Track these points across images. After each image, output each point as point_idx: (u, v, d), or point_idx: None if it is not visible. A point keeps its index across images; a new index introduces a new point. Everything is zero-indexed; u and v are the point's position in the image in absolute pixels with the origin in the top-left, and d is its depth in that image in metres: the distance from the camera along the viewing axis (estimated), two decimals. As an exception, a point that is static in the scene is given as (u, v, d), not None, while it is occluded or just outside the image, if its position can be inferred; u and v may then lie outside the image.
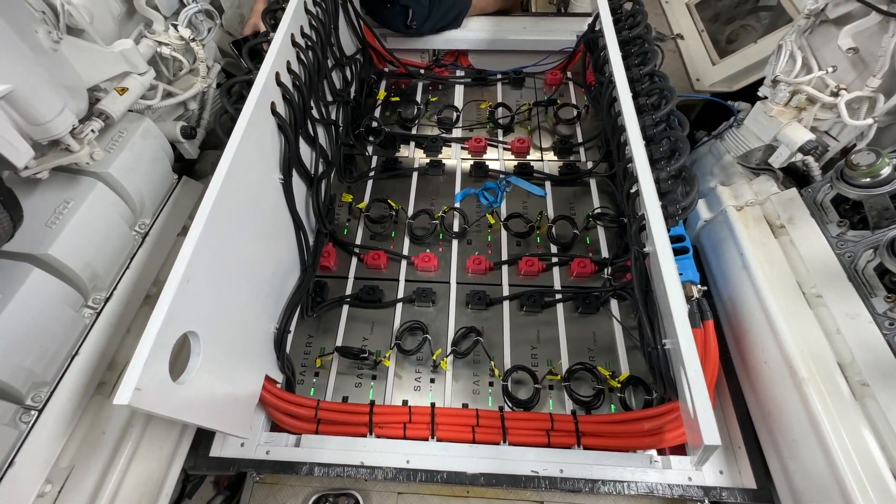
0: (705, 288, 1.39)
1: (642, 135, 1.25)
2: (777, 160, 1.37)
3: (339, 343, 1.58)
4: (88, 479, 1.02)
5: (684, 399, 1.02)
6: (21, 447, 0.95)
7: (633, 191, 1.41)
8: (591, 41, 2.03)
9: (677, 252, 1.39)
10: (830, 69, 1.20)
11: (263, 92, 1.23)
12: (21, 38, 0.86)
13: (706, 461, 1.02)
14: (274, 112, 1.30)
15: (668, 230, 1.35)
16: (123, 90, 1.12)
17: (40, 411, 1.00)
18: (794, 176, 1.49)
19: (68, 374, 1.06)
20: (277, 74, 1.32)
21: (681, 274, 1.38)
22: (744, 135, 1.50)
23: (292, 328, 1.51)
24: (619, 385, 1.47)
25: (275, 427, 1.45)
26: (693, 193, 1.08)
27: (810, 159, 1.40)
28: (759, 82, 1.51)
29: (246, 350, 1.24)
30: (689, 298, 1.36)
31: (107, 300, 1.18)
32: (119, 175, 1.16)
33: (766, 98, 1.38)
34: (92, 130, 1.03)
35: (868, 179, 1.14)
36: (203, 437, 1.35)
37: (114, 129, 1.21)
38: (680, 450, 1.35)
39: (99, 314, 1.15)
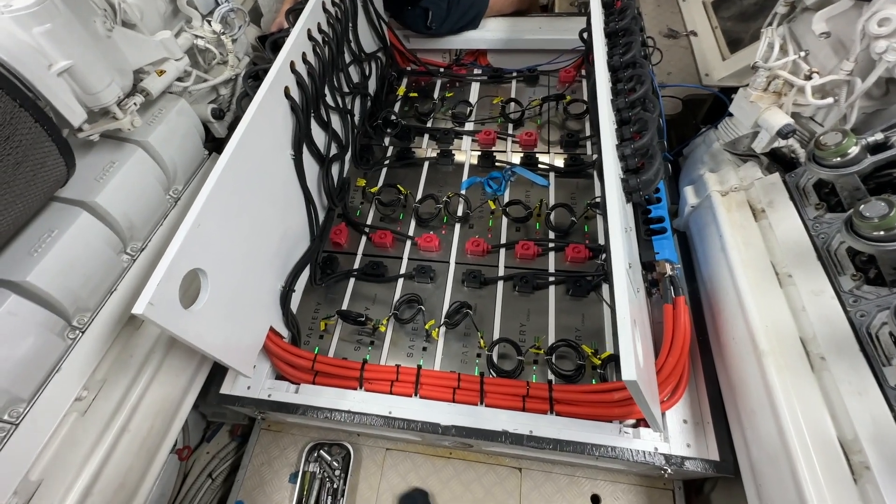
0: (679, 266, 1.43)
1: (617, 116, 1.33)
2: (759, 145, 1.40)
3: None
4: (117, 391, 1.23)
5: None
6: (67, 357, 1.18)
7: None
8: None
9: (657, 232, 1.44)
10: (802, 53, 1.23)
11: (278, 77, 1.42)
12: (83, 26, 1.10)
13: (655, 419, 1.07)
14: (287, 95, 1.49)
15: (636, 203, 1.39)
16: (162, 72, 1.35)
17: (83, 332, 1.22)
18: (783, 162, 1.50)
19: (107, 306, 1.29)
20: (292, 63, 1.51)
21: (657, 253, 1.44)
22: (733, 123, 1.53)
23: (297, 289, 1.67)
24: (599, 362, 1.53)
25: (280, 377, 1.62)
26: (653, 168, 1.15)
27: (796, 145, 1.42)
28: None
29: (253, 299, 1.42)
30: (662, 276, 1.42)
31: (142, 249, 1.40)
32: (156, 144, 1.39)
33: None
34: (134, 103, 1.26)
35: (838, 159, 1.16)
36: (216, 376, 1.55)
37: (154, 107, 1.45)
38: (654, 424, 1.39)
39: (135, 260, 1.38)
